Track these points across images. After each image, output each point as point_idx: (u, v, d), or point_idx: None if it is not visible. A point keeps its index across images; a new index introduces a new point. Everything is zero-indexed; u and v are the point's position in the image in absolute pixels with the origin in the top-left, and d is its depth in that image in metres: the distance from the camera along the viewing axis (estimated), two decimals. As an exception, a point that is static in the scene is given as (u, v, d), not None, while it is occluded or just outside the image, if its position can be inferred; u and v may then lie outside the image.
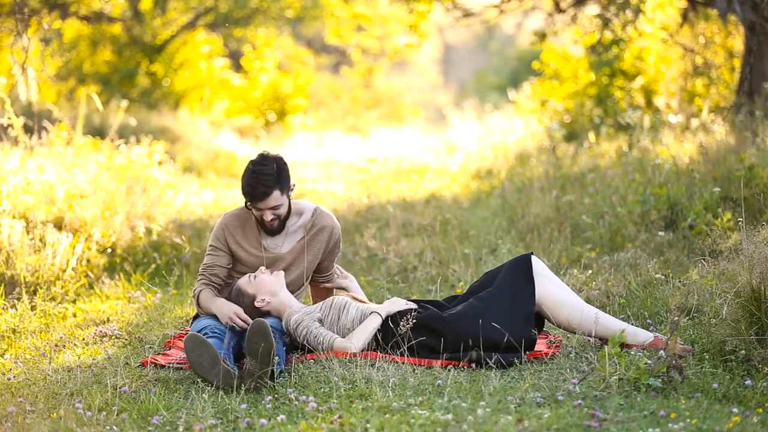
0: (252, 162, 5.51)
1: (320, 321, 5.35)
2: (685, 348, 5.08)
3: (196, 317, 5.65)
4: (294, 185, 5.61)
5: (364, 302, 5.51)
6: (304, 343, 5.31)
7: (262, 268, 5.51)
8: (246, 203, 5.55)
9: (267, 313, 5.43)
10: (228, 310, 5.41)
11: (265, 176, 5.44)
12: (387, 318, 5.31)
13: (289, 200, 5.58)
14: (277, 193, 5.47)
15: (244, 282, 5.47)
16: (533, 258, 5.40)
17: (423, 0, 13.37)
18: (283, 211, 5.55)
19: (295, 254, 5.65)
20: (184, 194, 10.74)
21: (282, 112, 19.32)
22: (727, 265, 5.82)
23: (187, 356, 4.91)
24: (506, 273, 5.36)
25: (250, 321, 5.31)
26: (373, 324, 5.28)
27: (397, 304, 5.35)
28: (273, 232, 5.60)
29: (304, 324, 5.31)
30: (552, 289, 5.32)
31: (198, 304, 5.60)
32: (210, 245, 5.65)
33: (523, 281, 5.31)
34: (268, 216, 5.52)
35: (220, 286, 5.65)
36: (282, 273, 5.52)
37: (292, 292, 5.61)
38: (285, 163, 5.55)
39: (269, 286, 5.45)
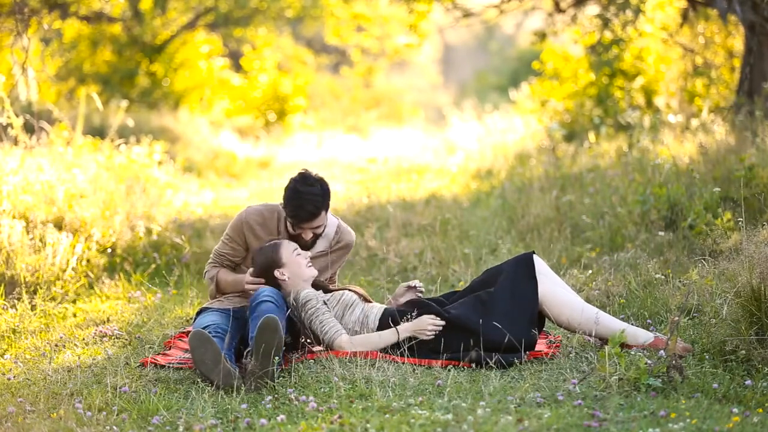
0: (296, 182, 5.44)
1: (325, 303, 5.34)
2: (685, 347, 5.08)
3: (199, 313, 5.64)
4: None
5: (370, 301, 5.50)
6: (306, 321, 5.29)
7: (308, 254, 5.48)
8: (289, 223, 5.50)
9: (274, 286, 5.38)
10: (246, 285, 5.43)
11: (315, 197, 5.40)
12: (388, 318, 5.31)
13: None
14: (323, 213, 5.48)
15: (286, 249, 5.42)
16: (535, 257, 5.39)
17: (423, 0, 13.36)
18: (322, 230, 5.57)
19: (314, 265, 5.65)
20: (184, 194, 10.74)
21: (282, 112, 19.32)
22: (727, 265, 5.83)
23: (191, 353, 4.92)
24: (508, 274, 5.35)
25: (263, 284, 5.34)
26: (387, 340, 5.26)
27: (423, 324, 5.28)
28: (306, 247, 5.59)
29: (312, 304, 5.28)
30: (553, 288, 5.32)
31: (215, 283, 5.58)
32: (227, 235, 5.63)
33: (526, 282, 5.31)
34: (309, 235, 5.52)
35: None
36: (316, 272, 5.51)
37: None
38: (327, 185, 5.56)
39: (301, 270, 5.42)
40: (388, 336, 5.26)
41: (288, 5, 18.67)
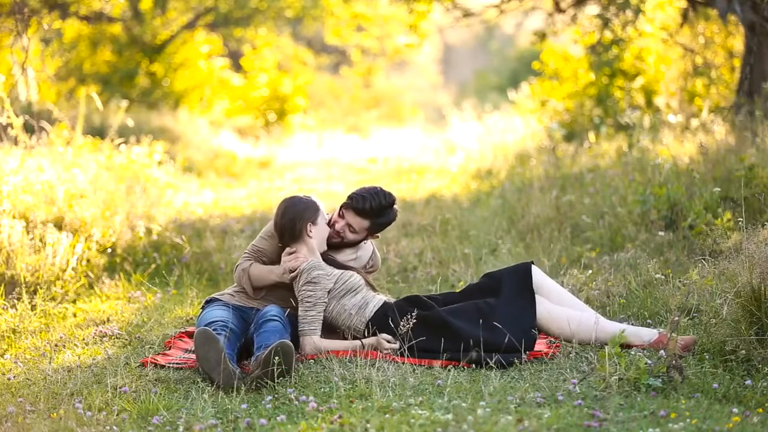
0: (382, 188, 5.65)
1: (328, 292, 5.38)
2: (687, 340, 5.07)
3: (207, 304, 5.64)
4: (378, 236, 5.78)
5: (375, 290, 5.52)
6: (297, 293, 5.35)
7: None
8: (342, 206, 5.62)
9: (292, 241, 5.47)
10: (283, 266, 5.48)
11: (380, 206, 5.59)
12: (388, 318, 5.32)
13: (361, 241, 5.72)
14: (366, 225, 5.61)
15: (322, 213, 5.49)
16: (533, 268, 5.41)
17: (423, 0, 13.36)
18: (351, 239, 5.65)
19: None
20: (184, 194, 10.74)
21: (282, 112, 19.33)
22: (727, 265, 5.82)
23: (195, 350, 4.95)
24: (507, 287, 5.38)
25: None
26: (351, 347, 5.31)
27: (381, 345, 5.29)
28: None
29: (313, 290, 5.32)
30: (550, 309, 5.34)
31: (248, 275, 5.59)
32: (268, 231, 5.66)
33: (523, 298, 5.34)
34: (339, 227, 5.63)
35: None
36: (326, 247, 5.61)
37: None
38: (394, 218, 5.70)
39: (324, 238, 5.51)
40: (353, 347, 5.32)
41: (288, 5, 18.67)
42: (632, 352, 4.98)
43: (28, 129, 9.23)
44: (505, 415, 4.34)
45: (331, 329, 5.46)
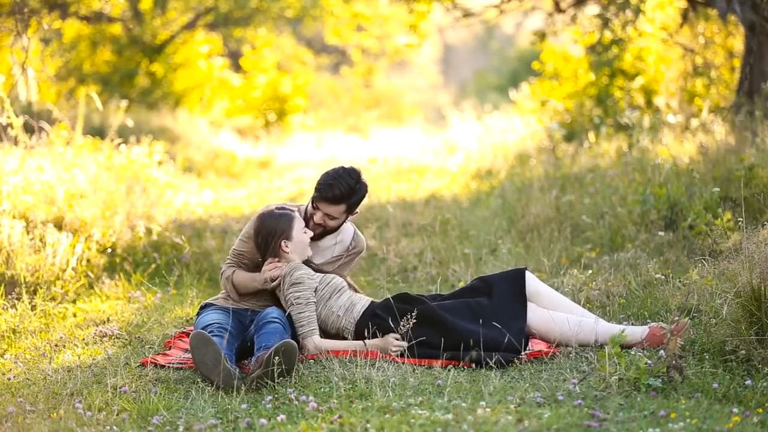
0: (343, 168, 5.62)
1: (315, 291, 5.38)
2: (679, 326, 5.08)
3: (202, 309, 5.64)
4: (357, 212, 5.74)
5: (357, 290, 5.54)
6: (285, 299, 5.35)
7: (310, 233, 5.60)
8: (311, 200, 5.63)
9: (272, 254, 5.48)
10: (263, 275, 5.50)
11: (348, 187, 5.56)
12: (388, 317, 5.31)
13: (342, 223, 5.71)
14: (343, 208, 5.59)
15: (298, 225, 5.49)
16: (527, 274, 5.42)
17: (423, 0, 13.36)
18: (332, 225, 5.66)
19: (327, 268, 5.74)
20: (184, 194, 10.74)
21: (282, 112, 19.32)
22: (727, 265, 5.82)
23: (191, 353, 4.94)
24: (499, 291, 5.37)
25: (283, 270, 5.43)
26: (353, 348, 5.30)
27: (388, 344, 5.29)
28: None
29: (300, 290, 5.33)
30: (541, 315, 5.34)
31: (232, 283, 5.63)
32: (247, 234, 5.69)
33: (515, 302, 5.34)
34: (318, 219, 5.61)
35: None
36: (311, 253, 5.61)
37: None
38: (365, 191, 5.66)
39: (303, 249, 5.52)
40: (354, 344, 5.32)
41: (288, 5, 18.67)
42: (632, 352, 4.98)
43: (28, 129, 9.23)
44: (505, 415, 4.34)
45: (324, 332, 5.46)
